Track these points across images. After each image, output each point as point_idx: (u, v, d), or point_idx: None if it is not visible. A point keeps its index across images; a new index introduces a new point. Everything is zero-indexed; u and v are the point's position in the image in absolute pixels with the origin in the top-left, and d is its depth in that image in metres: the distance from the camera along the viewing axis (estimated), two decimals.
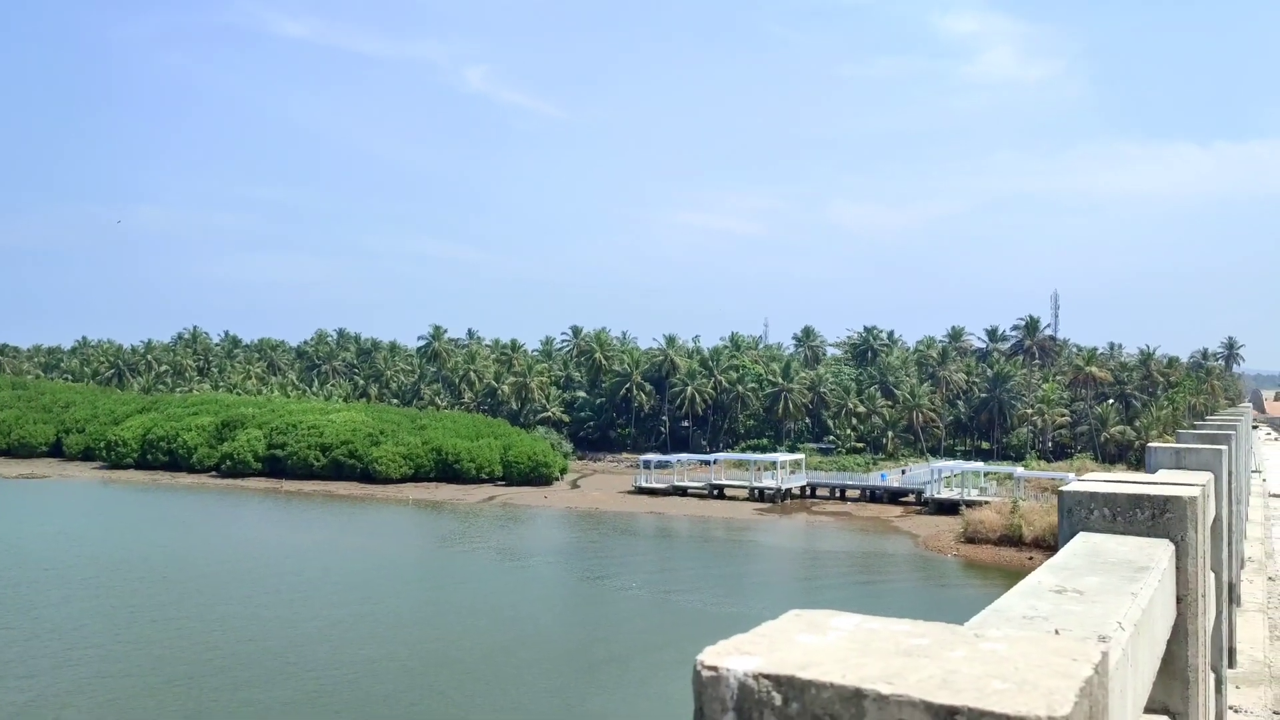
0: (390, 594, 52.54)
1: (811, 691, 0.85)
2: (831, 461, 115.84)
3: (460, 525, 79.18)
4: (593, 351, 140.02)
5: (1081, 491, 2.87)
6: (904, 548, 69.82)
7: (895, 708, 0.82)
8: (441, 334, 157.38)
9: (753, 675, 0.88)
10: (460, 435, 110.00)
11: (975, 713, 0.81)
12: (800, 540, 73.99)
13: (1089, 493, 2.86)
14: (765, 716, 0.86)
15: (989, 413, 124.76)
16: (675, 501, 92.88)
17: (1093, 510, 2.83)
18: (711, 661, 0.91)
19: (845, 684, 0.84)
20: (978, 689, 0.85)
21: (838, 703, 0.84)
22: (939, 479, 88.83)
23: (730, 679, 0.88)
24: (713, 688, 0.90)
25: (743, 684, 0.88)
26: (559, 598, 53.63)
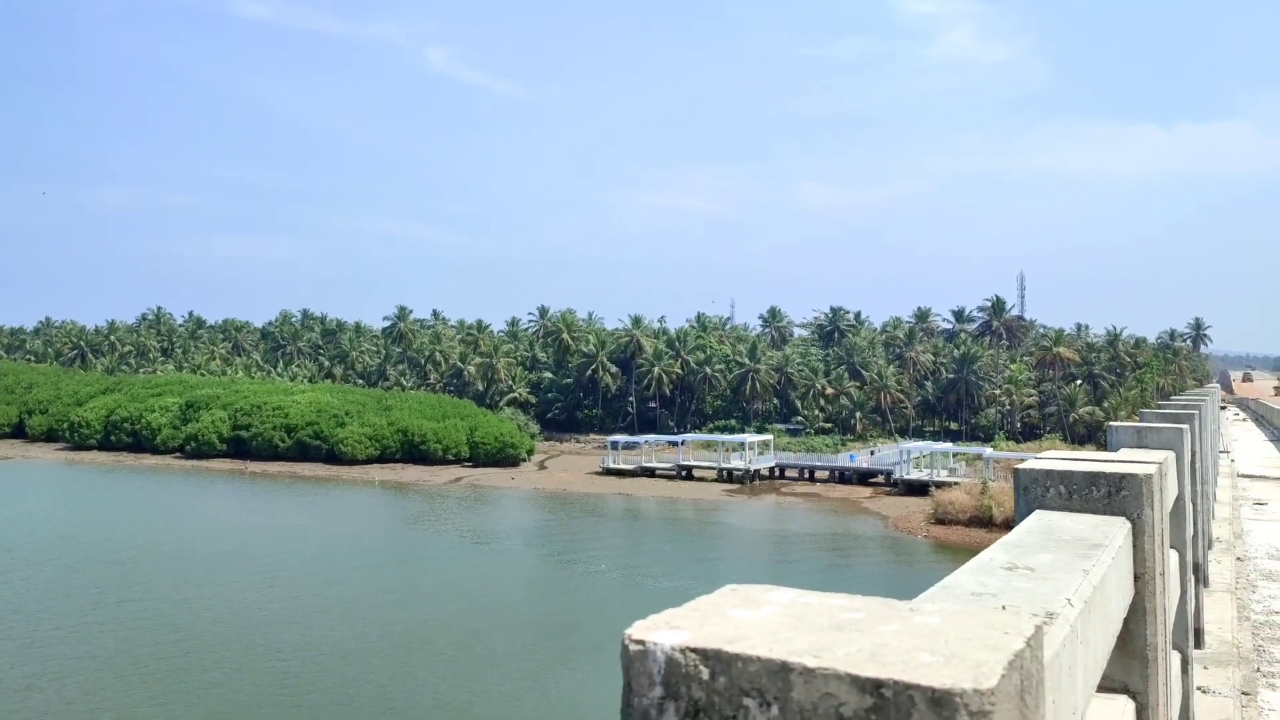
0: (358, 576, 52.40)
1: (738, 665, 0.86)
2: (800, 442, 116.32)
3: (427, 506, 79.02)
4: (559, 332, 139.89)
5: (1037, 469, 2.88)
6: (873, 529, 70.25)
7: (821, 681, 0.83)
8: (407, 315, 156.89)
9: (680, 649, 0.89)
10: (426, 416, 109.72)
11: (901, 685, 0.82)
12: (769, 521, 74.29)
13: (1045, 470, 2.87)
14: (693, 690, 0.87)
15: (957, 393, 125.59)
16: (643, 483, 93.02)
17: (1049, 488, 2.84)
18: (639, 635, 0.92)
19: (772, 657, 0.85)
20: (905, 662, 0.86)
21: (764, 676, 0.84)
22: (908, 460, 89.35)
23: (658, 653, 0.89)
24: (640, 662, 0.90)
25: (670, 658, 0.89)
26: (528, 579, 53.65)
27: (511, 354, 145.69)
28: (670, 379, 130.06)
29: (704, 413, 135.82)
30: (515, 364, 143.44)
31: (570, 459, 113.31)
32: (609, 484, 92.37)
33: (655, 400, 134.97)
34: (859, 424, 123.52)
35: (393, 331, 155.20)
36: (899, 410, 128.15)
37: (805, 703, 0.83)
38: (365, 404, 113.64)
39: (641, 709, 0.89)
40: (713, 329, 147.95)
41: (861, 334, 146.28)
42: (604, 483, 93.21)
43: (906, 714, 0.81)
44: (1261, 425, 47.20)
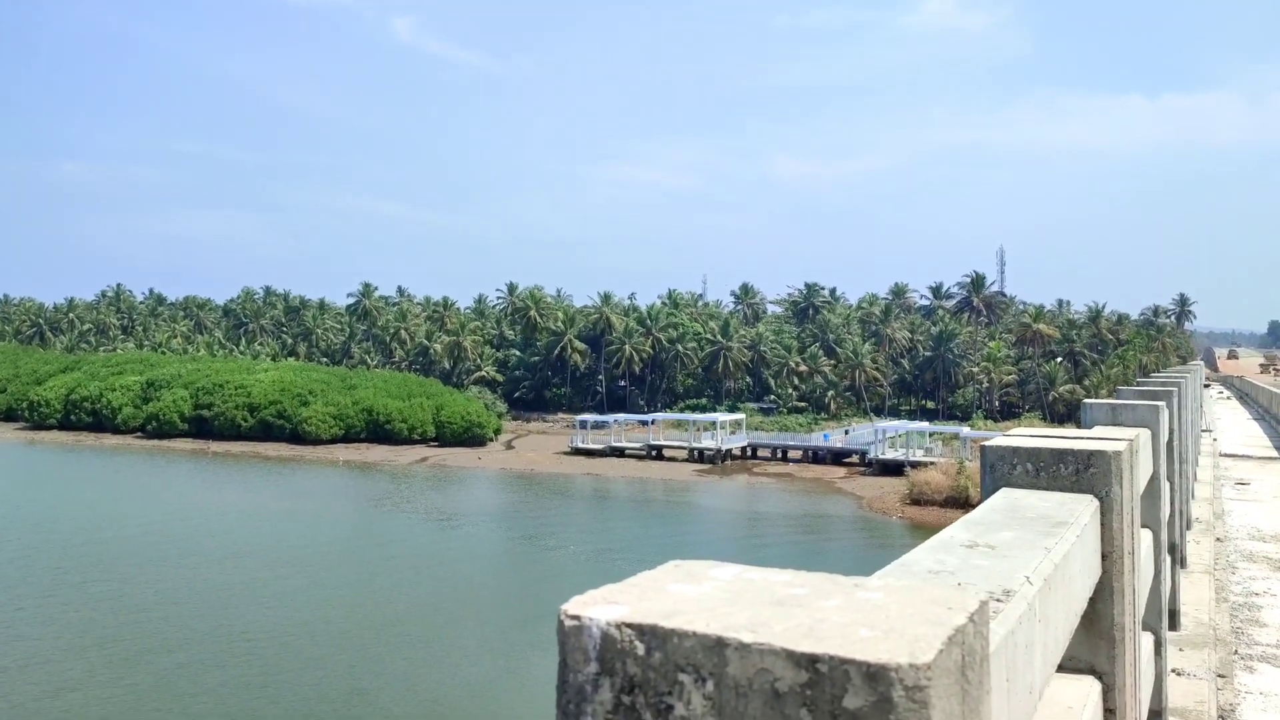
0: (322, 556, 52.29)
1: (674, 641, 0.86)
2: (773, 421, 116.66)
3: (393, 487, 78.92)
4: (527, 309, 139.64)
5: (1004, 446, 2.88)
6: (847, 509, 70.65)
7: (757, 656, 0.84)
8: (372, 292, 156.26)
9: (616, 624, 0.89)
10: (392, 395, 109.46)
11: (837, 660, 0.82)
12: (741, 502, 74.57)
13: (1012, 447, 2.87)
14: (628, 666, 0.88)
15: (934, 372, 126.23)
16: (612, 463, 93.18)
17: (1015, 465, 2.84)
18: (575, 611, 0.92)
19: (708, 633, 0.86)
20: (843, 637, 0.86)
21: (700, 652, 0.85)
22: (883, 439, 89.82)
23: (593, 628, 0.90)
24: (575, 638, 0.91)
25: (605, 633, 0.89)
26: (495, 559, 53.70)
27: (479, 332, 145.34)
28: (641, 357, 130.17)
29: (675, 391, 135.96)
30: (482, 342, 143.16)
31: (538, 439, 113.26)
32: (577, 464, 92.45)
33: (625, 379, 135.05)
34: (833, 403, 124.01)
35: (357, 309, 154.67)
36: (874, 389, 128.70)
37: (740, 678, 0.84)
38: (329, 383, 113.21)
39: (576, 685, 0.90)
40: (684, 306, 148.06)
41: (837, 311, 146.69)
42: (572, 463, 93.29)
43: (841, 689, 0.82)
44: (1246, 403, 47.48)
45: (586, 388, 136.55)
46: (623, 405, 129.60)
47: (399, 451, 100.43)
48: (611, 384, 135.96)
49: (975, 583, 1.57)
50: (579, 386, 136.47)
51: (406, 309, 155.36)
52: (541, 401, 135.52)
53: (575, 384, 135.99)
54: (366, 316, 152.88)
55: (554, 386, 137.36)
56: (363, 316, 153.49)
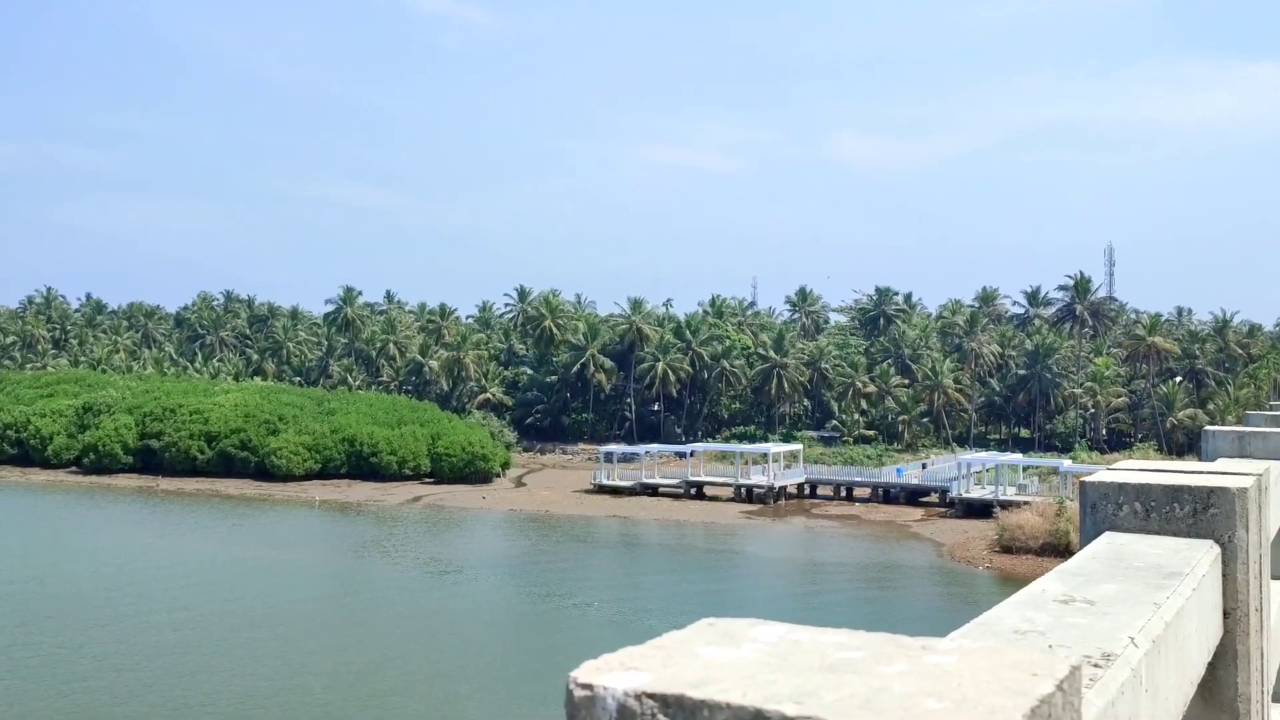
0: (296, 615, 52.44)
1: (704, 714, 0.84)
2: (836, 453, 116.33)
3: (380, 531, 79.09)
4: (541, 319, 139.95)
5: (1107, 482, 2.90)
6: (924, 558, 70.35)
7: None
8: (354, 297, 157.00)
9: (635, 694, 0.86)
10: (378, 422, 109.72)
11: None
12: (797, 549, 74.34)
13: (1117, 484, 2.89)
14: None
15: (1029, 393, 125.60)
16: (643, 503, 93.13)
17: (1122, 505, 2.86)
18: (587, 679, 0.90)
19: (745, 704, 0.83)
20: (905, 709, 0.83)
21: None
22: (967, 475, 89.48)
23: (608, 699, 0.87)
24: (587, 710, 0.89)
25: (623, 705, 0.87)
26: (503, 619, 53.69)
27: (483, 346, 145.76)
28: (678, 376, 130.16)
29: (719, 418, 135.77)
30: (488, 358, 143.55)
31: (555, 474, 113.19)
32: (602, 504, 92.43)
33: (659, 402, 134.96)
34: (908, 431, 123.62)
35: (337, 318, 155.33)
36: (957, 414, 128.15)
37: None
38: (303, 407, 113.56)
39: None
40: (730, 315, 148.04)
41: (912, 321, 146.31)
42: (595, 503, 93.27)
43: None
44: None
45: (612, 413, 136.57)
46: (656, 434, 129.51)
47: (387, 489, 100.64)
48: (642, 408, 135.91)
49: (1069, 645, 1.55)
50: (603, 411, 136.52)
51: (396, 318, 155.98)
52: (559, 429, 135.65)
53: (599, 408, 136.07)
54: (348, 327, 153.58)
55: (573, 411, 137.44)
56: (344, 327, 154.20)
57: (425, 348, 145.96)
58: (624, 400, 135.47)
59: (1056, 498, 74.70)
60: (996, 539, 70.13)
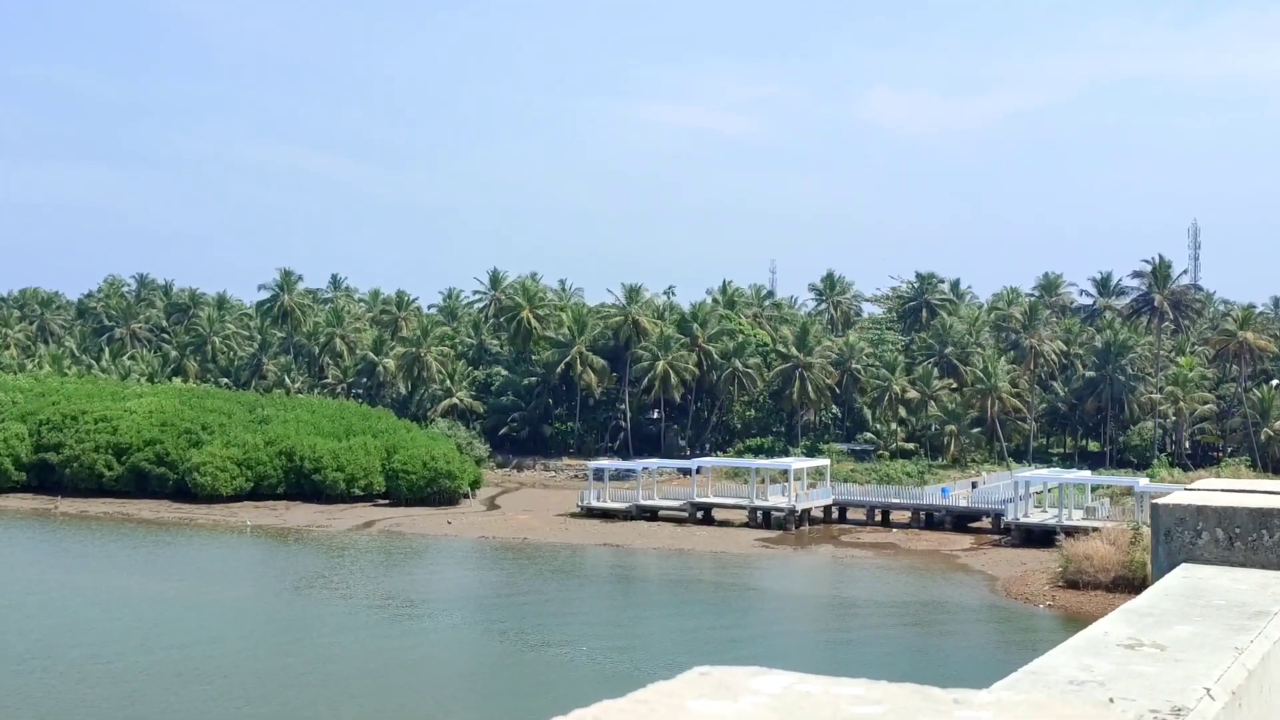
0: (224, 665, 52.39)
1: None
2: (869, 470, 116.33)
3: (324, 563, 79.02)
4: (518, 309, 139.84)
5: (1185, 505, 2.93)
6: (974, 595, 70.35)
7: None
8: (294, 283, 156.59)
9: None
10: (322, 432, 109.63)
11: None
12: (822, 584, 74.32)
13: (1196, 507, 2.91)
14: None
15: (1098, 399, 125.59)
16: (640, 529, 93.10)
17: (1201, 531, 2.89)
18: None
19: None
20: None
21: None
22: (1025, 496, 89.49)
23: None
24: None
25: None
26: (472, 668, 53.66)
27: (449, 341, 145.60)
28: (681, 378, 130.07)
29: (730, 427, 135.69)
30: (454, 356, 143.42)
31: (534, 494, 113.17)
32: (591, 530, 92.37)
33: (659, 409, 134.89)
34: (955, 444, 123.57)
35: (273, 307, 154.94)
36: (1013, 423, 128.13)
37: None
38: (232, 414, 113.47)
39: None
40: (744, 305, 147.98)
41: (961, 312, 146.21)
42: (583, 528, 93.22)
43: None
44: None
45: (603, 422, 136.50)
46: (655, 446, 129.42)
47: (332, 512, 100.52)
48: (639, 416, 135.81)
49: (1133, 698, 1.52)
50: (593, 420, 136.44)
51: (344, 308, 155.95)
52: (539, 441, 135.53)
53: (587, 416, 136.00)
54: (286, 318, 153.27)
55: (557, 420, 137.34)
56: (281, 318, 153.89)
57: (379, 343, 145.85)
58: (617, 407, 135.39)
59: (1131, 523, 74.81)
60: (1060, 572, 70.12)
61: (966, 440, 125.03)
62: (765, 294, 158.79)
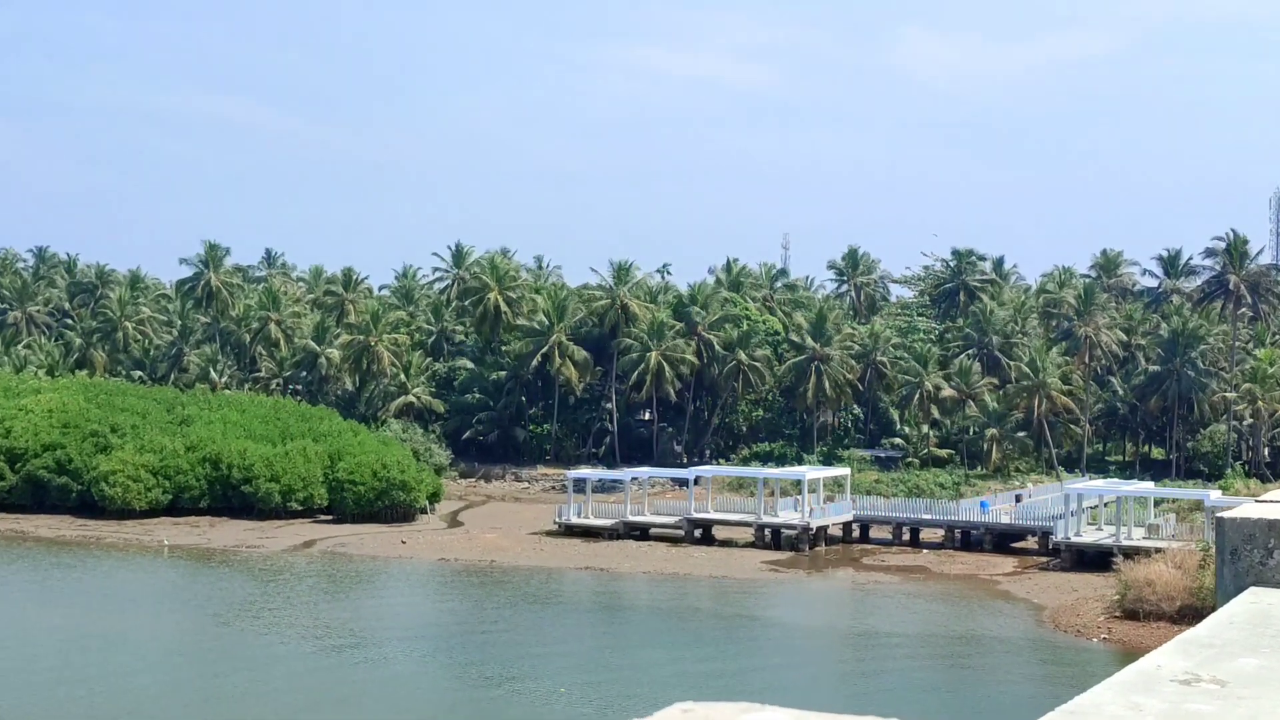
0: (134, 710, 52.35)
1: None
2: (896, 481, 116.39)
3: (256, 590, 78.92)
4: (485, 291, 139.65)
5: (1254, 520, 2.92)
6: (1017, 627, 70.41)
7: None
8: (220, 258, 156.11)
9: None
10: (254, 435, 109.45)
11: None
12: (841, 614, 74.38)
13: (1266, 521, 2.90)
14: None
15: (1164, 398, 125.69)
16: (628, 550, 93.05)
17: (1272, 550, 2.87)
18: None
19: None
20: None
21: None
22: (1078, 511, 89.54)
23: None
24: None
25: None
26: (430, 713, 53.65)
27: (404, 328, 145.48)
28: (678, 372, 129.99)
29: (734, 430, 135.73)
30: (410, 345, 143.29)
31: (504, 508, 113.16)
32: (570, 551, 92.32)
33: (651, 409, 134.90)
34: (996, 450, 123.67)
35: (196, 287, 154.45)
36: (1065, 426, 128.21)
37: None
38: (147, 413, 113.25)
39: None
40: (752, 286, 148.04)
41: (1005, 296, 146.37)
42: (561, 549, 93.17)
43: None
44: None
45: (586, 423, 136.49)
46: (647, 453, 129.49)
47: (265, 530, 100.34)
48: (628, 417, 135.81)
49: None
50: (573, 422, 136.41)
51: (280, 289, 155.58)
52: (510, 446, 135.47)
53: (567, 417, 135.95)
54: (212, 300, 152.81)
55: (531, 421, 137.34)
56: (206, 300, 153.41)
57: (322, 330, 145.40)
58: (602, 406, 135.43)
59: (1200, 543, 74.76)
60: (1117, 601, 70.15)
61: (1010, 446, 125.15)
62: (776, 273, 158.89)
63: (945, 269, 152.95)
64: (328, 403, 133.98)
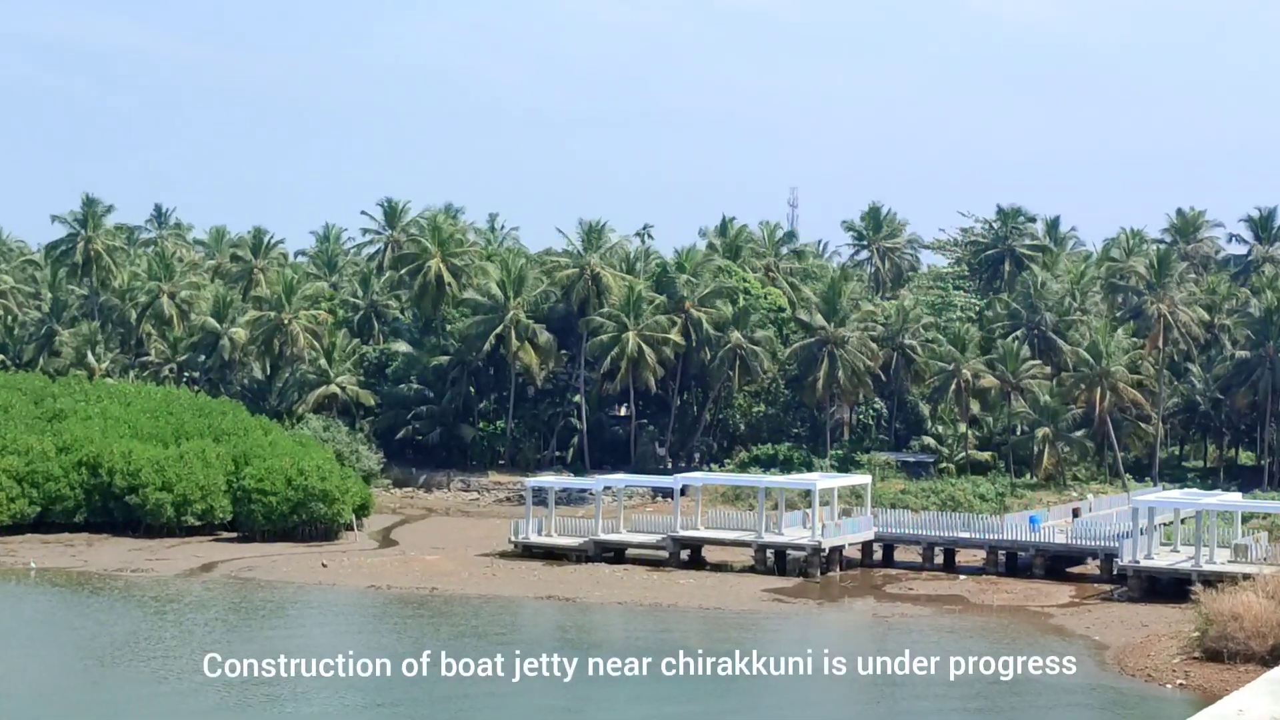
0: None
1: None
2: (927, 491, 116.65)
3: (142, 623, 78.98)
4: (425, 257, 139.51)
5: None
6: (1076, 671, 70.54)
7: None
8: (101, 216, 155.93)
9: None
10: (142, 434, 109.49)
11: None
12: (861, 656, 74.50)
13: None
14: None
15: (1255, 391, 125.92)
16: (599, 575, 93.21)
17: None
18: None
19: None
20: None
21: None
22: (1149, 529, 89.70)
23: None
24: None
25: None
26: None
27: (326, 302, 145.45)
28: (661, 357, 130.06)
29: (730, 429, 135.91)
30: (333, 324, 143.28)
31: (448, 524, 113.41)
32: (529, 577, 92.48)
33: (628, 402, 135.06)
34: (1049, 453, 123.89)
35: (71, 252, 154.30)
36: (1133, 425, 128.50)
37: None
38: (10, 406, 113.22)
39: None
40: (752, 253, 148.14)
41: (1060, 265, 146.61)
42: (518, 574, 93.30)
43: None
44: None
45: (549, 420, 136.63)
46: (623, 456, 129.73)
47: (155, 550, 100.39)
48: (601, 412, 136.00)
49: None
50: (533, 418, 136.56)
51: (174, 253, 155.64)
52: (456, 448, 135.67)
53: (526, 412, 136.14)
54: (90, 268, 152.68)
55: (482, 418, 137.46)
56: (82, 268, 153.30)
57: (224, 305, 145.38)
58: (568, 399, 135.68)
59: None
60: (1197, 638, 70.32)
61: (1066, 449, 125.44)
62: (782, 237, 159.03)
63: (988, 232, 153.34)
64: (232, 394, 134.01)
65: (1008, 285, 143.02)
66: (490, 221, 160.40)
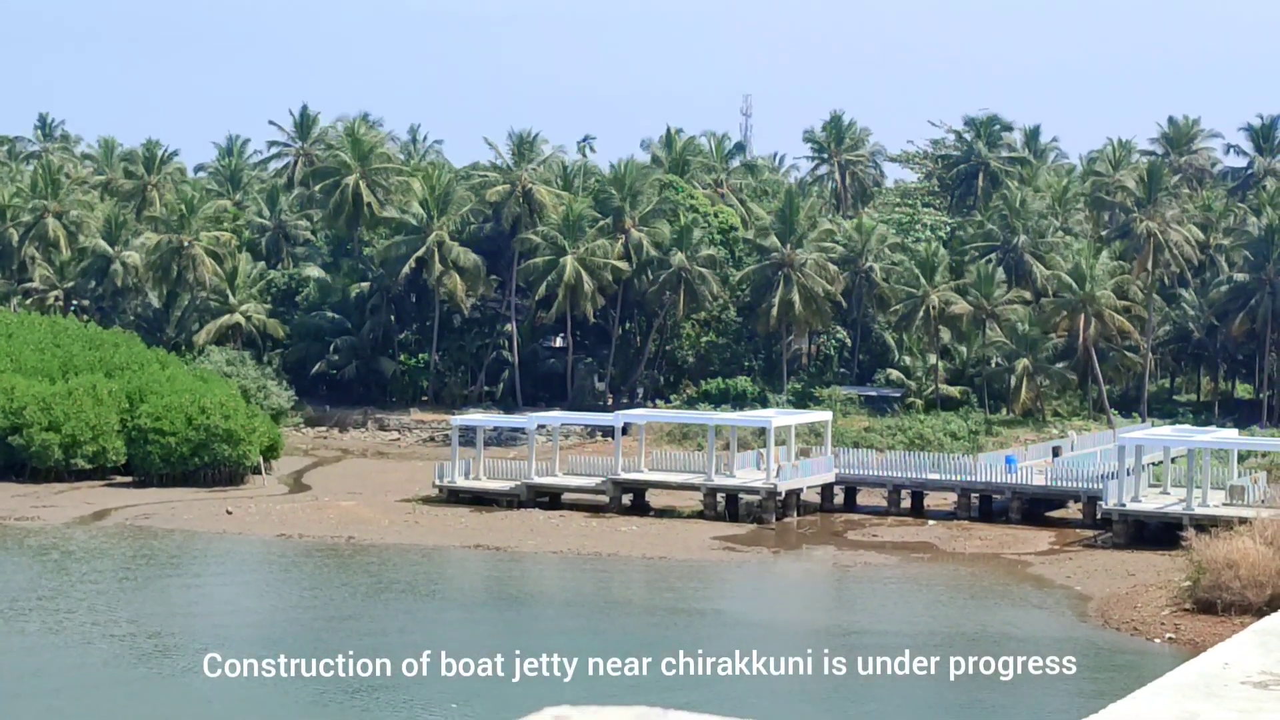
0: None
1: None
2: (894, 428, 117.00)
3: (28, 577, 78.86)
4: (341, 173, 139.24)
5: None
6: (1055, 623, 70.94)
7: None
8: None
9: None
10: (25, 369, 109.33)
11: None
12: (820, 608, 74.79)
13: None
14: None
15: (1252, 318, 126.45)
16: (533, 521, 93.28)
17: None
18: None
19: None
20: None
21: None
22: (1136, 469, 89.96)
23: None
24: None
25: None
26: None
27: (229, 223, 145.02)
28: (600, 283, 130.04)
29: (676, 362, 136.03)
30: (237, 246, 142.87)
31: (366, 466, 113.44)
32: (455, 524, 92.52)
33: (564, 334, 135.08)
34: (1027, 387, 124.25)
35: None
36: (1119, 355, 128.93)
37: None
38: None
39: None
40: (700, 167, 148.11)
41: (1040, 180, 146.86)
42: (444, 521, 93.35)
43: None
44: None
45: (477, 353, 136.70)
46: (559, 392, 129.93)
47: (43, 495, 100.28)
48: (534, 343, 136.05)
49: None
50: (460, 350, 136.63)
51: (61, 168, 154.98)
52: (374, 384, 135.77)
53: (452, 344, 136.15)
54: None
55: (403, 350, 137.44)
56: None
57: (116, 226, 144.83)
58: (498, 329, 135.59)
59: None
60: (1188, 588, 70.60)
61: (1045, 382, 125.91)
62: (733, 149, 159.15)
63: (960, 143, 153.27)
64: (126, 324, 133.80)
65: (982, 202, 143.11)
66: (411, 134, 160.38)
